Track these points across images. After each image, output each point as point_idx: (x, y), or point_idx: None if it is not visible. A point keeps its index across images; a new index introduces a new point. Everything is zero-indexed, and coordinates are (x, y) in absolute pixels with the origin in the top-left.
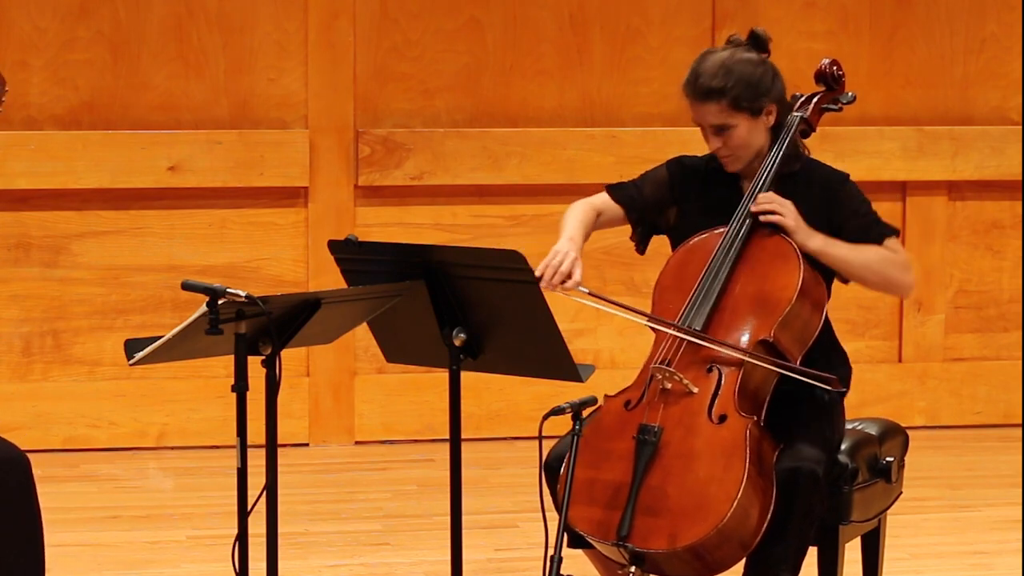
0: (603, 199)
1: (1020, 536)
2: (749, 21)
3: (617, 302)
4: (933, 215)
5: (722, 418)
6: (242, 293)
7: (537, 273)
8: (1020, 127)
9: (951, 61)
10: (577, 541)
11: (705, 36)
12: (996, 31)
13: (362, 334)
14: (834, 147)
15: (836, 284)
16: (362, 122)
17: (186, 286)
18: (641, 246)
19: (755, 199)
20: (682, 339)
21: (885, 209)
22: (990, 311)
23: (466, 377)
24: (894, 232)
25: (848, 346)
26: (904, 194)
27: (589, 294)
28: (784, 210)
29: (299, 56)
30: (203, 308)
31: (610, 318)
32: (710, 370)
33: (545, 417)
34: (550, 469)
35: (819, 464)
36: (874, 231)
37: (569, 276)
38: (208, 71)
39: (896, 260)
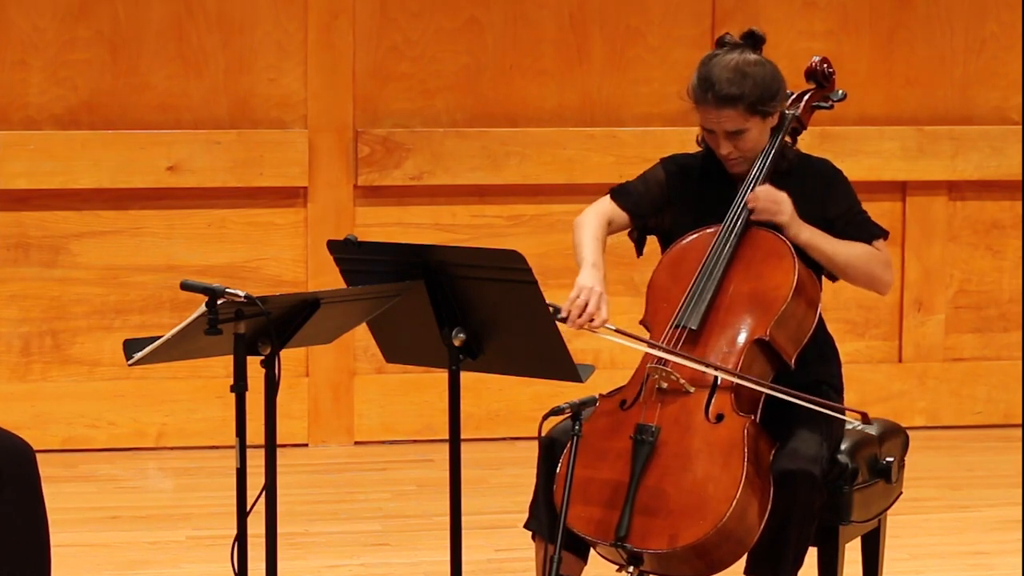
0: (610, 207)
1: (1020, 536)
2: (749, 21)
3: (646, 339)
4: (933, 215)
5: (719, 417)
6: (241, 293)
7: (563, 313)
8: (1020, 127)
9: (951, 61)
10: (572, 545)
11: (705, 36)
12: (996, 31)
13: (362, 334)
14: (834, 147)
15: (837, 285)
16: (361, 122)
17: (185, 286)
18: (640, 247)
19: (753, 191)
20: (679, 339)
21: (885, 209)
22: (990, 311)
23: (466, 377)
24: (884, 234)
25: (848, 346)
26: (904, 194)
27: (616, 331)
28: (779, 207)
29: (299, 56)
30: (202, 308)
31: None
32: None
33: (545, 417)
34: (550, 447)
35: (816, 464)
36: (865, 230)
37: (595, 315)
38: (208, 71)
39: (880, 258)
